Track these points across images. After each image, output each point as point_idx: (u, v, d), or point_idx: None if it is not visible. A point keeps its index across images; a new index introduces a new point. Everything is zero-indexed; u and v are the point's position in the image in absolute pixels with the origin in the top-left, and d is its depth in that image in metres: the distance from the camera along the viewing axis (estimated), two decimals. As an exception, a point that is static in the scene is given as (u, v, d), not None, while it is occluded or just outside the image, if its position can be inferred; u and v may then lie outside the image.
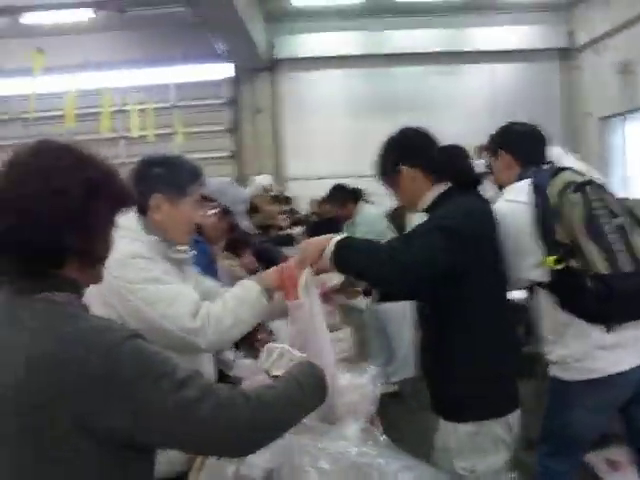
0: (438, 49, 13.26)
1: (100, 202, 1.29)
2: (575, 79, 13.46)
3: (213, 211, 3.05)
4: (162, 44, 12.97)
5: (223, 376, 2.80)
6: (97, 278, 1.38)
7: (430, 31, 13.18)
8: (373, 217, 5.59)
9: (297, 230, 7.93)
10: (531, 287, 2.56)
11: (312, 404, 1.50)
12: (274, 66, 13.58)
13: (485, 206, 2.40)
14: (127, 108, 11.45)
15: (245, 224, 3.19)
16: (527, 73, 13.68)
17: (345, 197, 5.61)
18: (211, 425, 1.23)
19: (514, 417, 2.31)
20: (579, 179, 2.45)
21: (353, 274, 2.34)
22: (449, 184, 2.37)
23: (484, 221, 2.31)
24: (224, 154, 13.93)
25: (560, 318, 2.44)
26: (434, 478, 1.62)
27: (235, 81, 13.76)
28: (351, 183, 6.22)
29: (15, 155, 1.28)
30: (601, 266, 2.26)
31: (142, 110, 11.74)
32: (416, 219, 5.11)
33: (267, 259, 4.37)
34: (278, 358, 1.67)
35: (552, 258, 2.32)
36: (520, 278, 2.49)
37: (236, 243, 3.47)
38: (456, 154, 2.53)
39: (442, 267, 2.09)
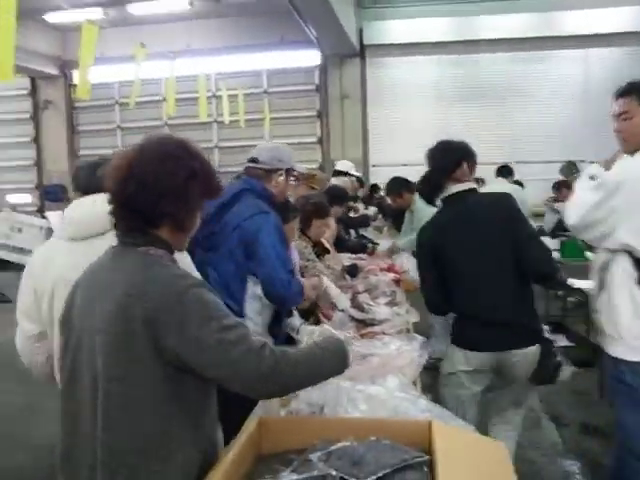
0: (529, 34, 13.06)
1: (196, 185, 1.71)
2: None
3: (280, 178, 3.18)
4: (256, 31, 13.46)
5: (290, 339, 3.12)
6: (182, 245, 1.82)
7: (520, 16, 13.00)
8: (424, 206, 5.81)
9: (372, 210, 8.18)
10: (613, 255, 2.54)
11: (330, 369, 1.79)
12: (362, 52, 13.78)
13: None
14: (220, 94, 11.97)
15: (301, 168, 3.42)
16: (622, 57, 13.19)
17: (400, 188, 5.83)
18: (239, 365, 1.58)
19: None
20: None
21: None
22: None
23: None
24: (312, 139, 14.31)
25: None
26: (451, 420, 1.87)
27: (324, 67, 14.08)
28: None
29: (146, 141, 1.74)
30: None
31: (234, 96, 12.28)
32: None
33: None
34: (319, 336, 1.98)
35: None
36: (613, 239, 2.49)
37: (284, 207, 3.45)
38: None
39: None
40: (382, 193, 10.17)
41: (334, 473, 1.47)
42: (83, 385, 1.66)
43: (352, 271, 4.40)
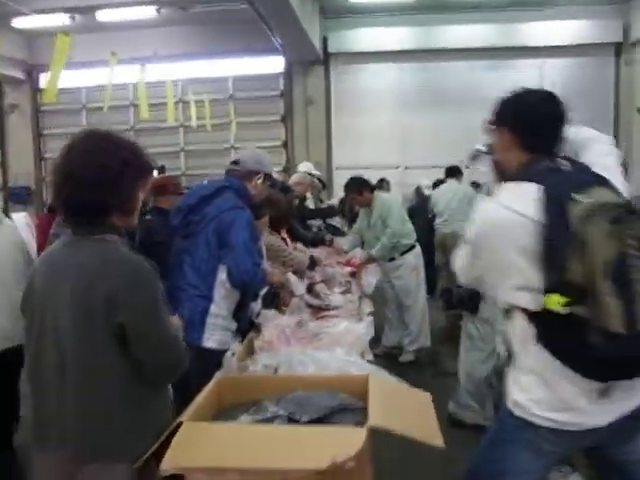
0: (488, 44, 13.49)
1: (130, 172, 1.92)
2: (629, 74, 13.43)
3: (259, 180, 3.47)
4: (222, 39, 13.70)
5: (251, 322, 3.42)
6: (131, 224, 2.03)
7: (481, 26, 13.38)
8: (388, 202, 6.15)
9: (334, 201, 8.49)
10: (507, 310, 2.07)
11: None
12: (326, 60, 14.11)
13: None
14: (188, 99, 12.17)
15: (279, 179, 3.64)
16: (578, 68, 13.69)
17: (360, 186, 6.16)
18: (169, 356, 1.90)
19: None
20: (613, 200, 1.87)
21: None
22: None
23: None
24: (277, 143, 14.58)
25: (540, 355, 1.93)
26: (387, 378, 2.18)
27: (289, 74, 14.37)
28: (396, 174, 6.80)
29: (71, 140, 1.93)
30: (615, 322, 1.73)
31: (200, 101, 12.51)
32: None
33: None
34: None
35: (558, 299, 1.79)
36: (498, 298, 2.05)
37: (259, 205, 3.76)
38: None
39: None
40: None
41: (281, 412, 1.77)
42: (49, 361, 1.86)
43: (311, 264, 4.71)
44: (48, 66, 14.77)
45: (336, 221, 7.85)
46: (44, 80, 7.68)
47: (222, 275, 3.24)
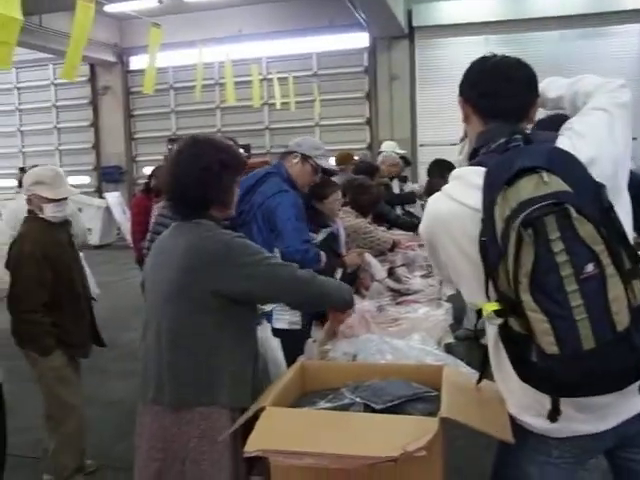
0: (578, 11, 12.96)
1: (228, 172, 2.23)
2: None
3: (295, 160, 3.62)
4: (305, 16, 13.77)
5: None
6: (229, 214, 2.36)
7: (572, -8, 12.91)
8: None
9: (417, 187, 8.45)
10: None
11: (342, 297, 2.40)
12: (411, 34, 13.93)
13: None
14: (271, 77, 12.31)
15: (326, 164, 3.76)
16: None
17: (442, 170, 6.10)
18: (287, 282, 2.18)
19: None
20: (541, 198, 1.44)
21: None
22: None
23: None
24: (360, 120, 14.58)
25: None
26: (462, 368, 2.22)
27: (373, 50, 14.29)
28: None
29: (180, 146, 2.29)
30: (546, 342, 1.44)
31: (284, 79, 12.62)
32: None
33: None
34: None
35: (491, 307, 1.53)
36: (465, 299, 1.78)
37: (322, 185, 3.91)
38: None
39: None
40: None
41: (359, 400, 1.85)
42: (152, 326, 2.19)
43: (391, 247, 4.75)
44: (139, 49, 15.41)
45: (415, 208, 7.77)
46: (144, 68, 7.94)
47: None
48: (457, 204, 1.64)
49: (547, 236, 1.42)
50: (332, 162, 5.80)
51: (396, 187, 7.69)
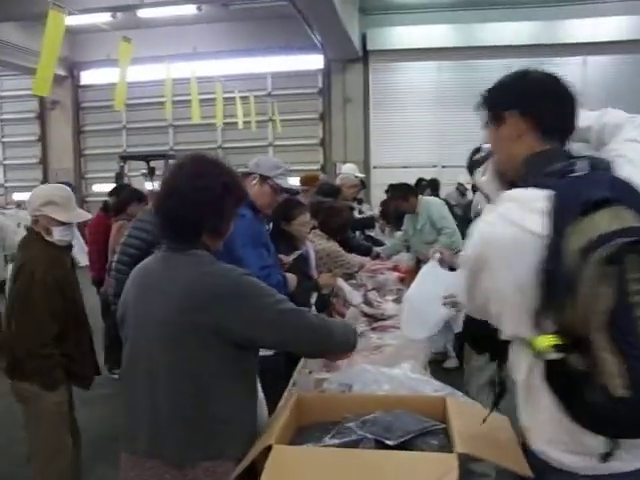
0: (527, 42, 13.37)
1: (230, 197, 2.01)
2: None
3: (253, 181, 3.43)
4: (262, 36, 13.77)
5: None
6: (218, 247, 2.10)
7: (521, 24, 13.30)
8: (435, 205, 6.14)
9: (376, 211, 8.50)
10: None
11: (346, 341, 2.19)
12: (365, 57, 14.10)
13: None
14: (232, 95, 12.14)
15: (286, 183, 3.56)
16: (621, 65, 13.52)
17: (406, 192, 6.16)
18: (297, 328, 1.97)
19: None
20: (627, 225, 1.38)
21: None
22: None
23: None
24: (314, 141, 14.63)
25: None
26: (460, 398, 2.18)
27: (327, 71, 14.39)
28: (433, 173, 6.78)
29: (181, 161, 2.07)
30: (616, 384, 1.35)
31: (232, 98, 12.48)
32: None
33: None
34: None
35: (550, 341, 1.42)
36: (504, 330, 1.61)
37: (289, 206, 3.83)
38: None
39: None
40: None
41: (370, 436, 1.78)
42: (140, 370, 1.93)
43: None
44: (90, 63, 15.11)
45: (374, 232, 7.79)
46: (113, 82, 7.69)
47: None
48: (518, 229, 1.48)
49: (625, 274, 1.34)
50: (294, 182, 5.74)
51: (355, 210, 7.70)
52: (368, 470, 1.60)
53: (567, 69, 13.58)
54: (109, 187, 7.87)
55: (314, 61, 14.36)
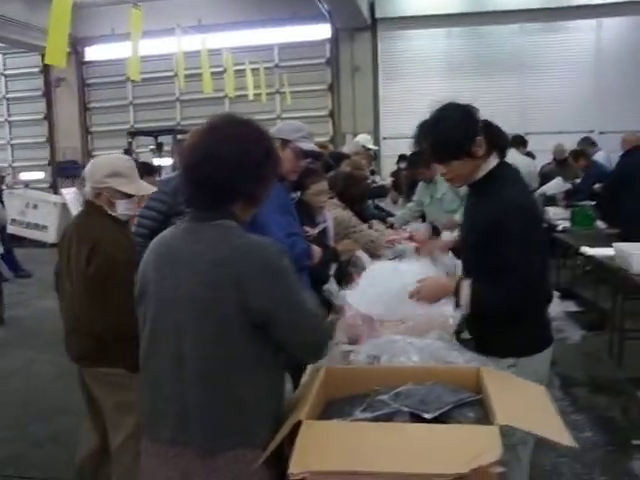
0: (539, 5, 13.07)
1: (270, 164, 1.87)
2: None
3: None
4: (268, 6, 13.52)
5: (329, 303, 3.34)
6: (249, 218, 1.95)
7: (532, -14, 13.00)
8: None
9: (388, 181, 8.39)
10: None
11: None
12: (374, 26, 13.83)
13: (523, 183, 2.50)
14: (242, 68, 11.94)
15: (310, 146, 3.48)
16: (634, 26, 13.19)
17: (428, 160, 6.00)
18: (313, 332, 1.85)
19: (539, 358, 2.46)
20: None
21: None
22: (496, 156, 2.40)
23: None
24: (323, 112, 14.43)
25: None
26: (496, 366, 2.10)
27: (335, 41, 14.14)
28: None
29: (212, 123, 1.87)
30: None
31: (242, 70, 12.30)
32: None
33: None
34: None
35: None
36: None
37: (302, 174, 3.68)
38: (496, 126, 2.45)
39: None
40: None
41: (405, 409, 1.70)
42: (165, 353, 1.80)
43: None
44: (94, 39, 14.91)
45: (385, 202, 7.68)
46: (129, 57, 7.46)
47: None
48: None
49: None
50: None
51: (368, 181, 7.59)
52: (407, 445, 1.52)
53: (581, 32, 13.33)
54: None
55: (321, 31, 14.08)
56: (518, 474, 2.39)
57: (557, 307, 6.51)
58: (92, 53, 15.47)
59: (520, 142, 8.71)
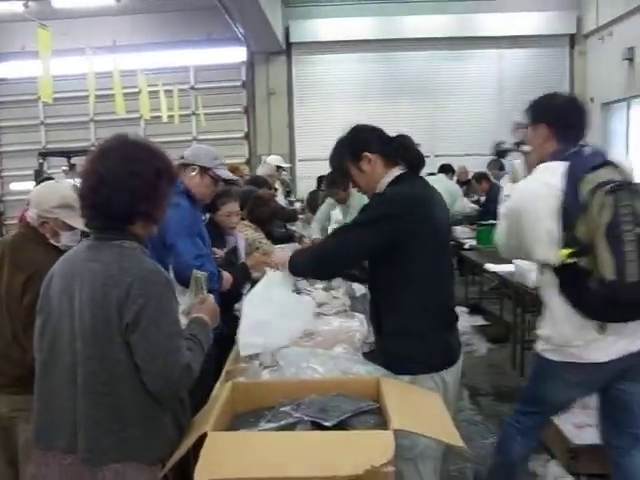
0: (449, 34, 13.65)
1: (163, 182, 1.95)
2: (582, 65, 13.78)
3: (193, 172, 3.43)
4: (183, 28, 13.50)
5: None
6: (152, 233, 2.06)
7: (440, 17, 13.54)
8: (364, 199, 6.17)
9: (297, 206, 8.54)
10: (541, 265, 2.67)
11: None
12: (289, 50, 14.05)
13: (427, 190, 2.64)
14: (156, 89, 11.85)
15: (228, 174, 3.61)
16: (535, 59, 14.01)
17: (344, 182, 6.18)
18: (162, 373, 1.80)
19: (448, 374, 2.53)
20: (616, 178, 2.42)
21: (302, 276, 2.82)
22: (403, 168, 2.58)
23: (412, 206, 2.48)
24: (239, 135, 14.47)
25: (557, 300, 2.58)
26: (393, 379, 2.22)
27: (251, 64, 14.26)
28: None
29: (105, 145, 1.94)
30: (608, 272, 2.30)
31: (156, 92, 12.21)
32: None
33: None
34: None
35: (566, 251, 2.41)
36: (533, 258, 2.65)
37: (218, 194, 3.81)
38: (407, 142, 2.63)
39: (358, 255, 2.58)
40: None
41: (306, 418, 1.79)
42: (62, 364, 1.86)
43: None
44: (2, 55, 14.39)
45: (296, 226, 7.80)
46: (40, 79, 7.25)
47: None
48: (545, 184, 2.53)
49: (621, 205, 2.31)
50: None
51: (281, 200, 7.69)
52: (307, 451, 1.61)
53: (484, 61, 14.04)
54: (28, 185, 7.55)
55: (237, 54, 14.16)
56: None
57: (465, 322, 6.78)
58: (1, 70, 14.96)
59: (449, 169, 9.22)
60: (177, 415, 1.95)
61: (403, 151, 2.60)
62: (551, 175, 2.51)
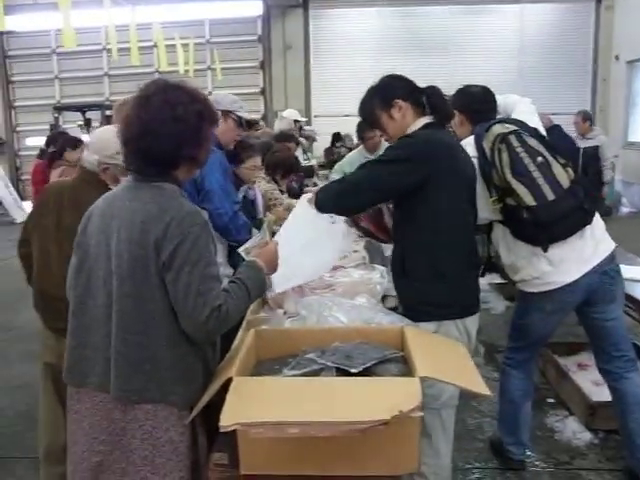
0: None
1: (205, 124, 1.92)
2: (609, 20, 13.38)
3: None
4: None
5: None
6: (194, 175, 2.08)
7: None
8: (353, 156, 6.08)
9: (315, 161, 8.49)
10: (490, 224, 3.01)
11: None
12: (305, 3, 13.79)
13: (449, 139, 2.66)
14: (172, 43, 11.71)
15: (248, 115, 3.61)
16: (558, 14, 13.68)
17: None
18: (191, 314, 1.77)
19: (470, 323, 2.53)
20: (506, 130, 2.82)
21: (328, 211, 2.57)
22: (431, 119, 2.57)
23: (442, 149, 2.48)
24: (254, 90, 14.33)
25: (513, 247, 2.94)
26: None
27: (267, 18, 14.02)
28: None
29: (144, 91, 1.90)
30: (528, 200, 2.69)
31: (173, 45, 12.06)
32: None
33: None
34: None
35: (492, 199, 2.82)
36: (481, 217, 2.81)
37: (241, 147, 3.79)
38: (437, 93, 2.65)
39: (387, 190, 2.46)
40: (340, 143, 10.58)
41: (330, 364, 1.77)
42: (97, 302, 1.88)
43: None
44: (15, 7, 14.26)
45: (312, 183, 7.74)
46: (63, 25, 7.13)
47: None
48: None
49: (513, 145, 2.77)
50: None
51: (300, 157, 7.62)
52: (332, 397, 1.59)
53: (504, 16, 13.71)
54: (44, 140, 7.52)
55: (253, 7, 13.92)
56: (443, 439, 2.48)
57: (483, 280, 6.73)
58: (12, 23, 14.79)
59: None
60: (208, 363, 1.95)
61: (433, 101, 2.60)
62: (468, 147, 2.79)
